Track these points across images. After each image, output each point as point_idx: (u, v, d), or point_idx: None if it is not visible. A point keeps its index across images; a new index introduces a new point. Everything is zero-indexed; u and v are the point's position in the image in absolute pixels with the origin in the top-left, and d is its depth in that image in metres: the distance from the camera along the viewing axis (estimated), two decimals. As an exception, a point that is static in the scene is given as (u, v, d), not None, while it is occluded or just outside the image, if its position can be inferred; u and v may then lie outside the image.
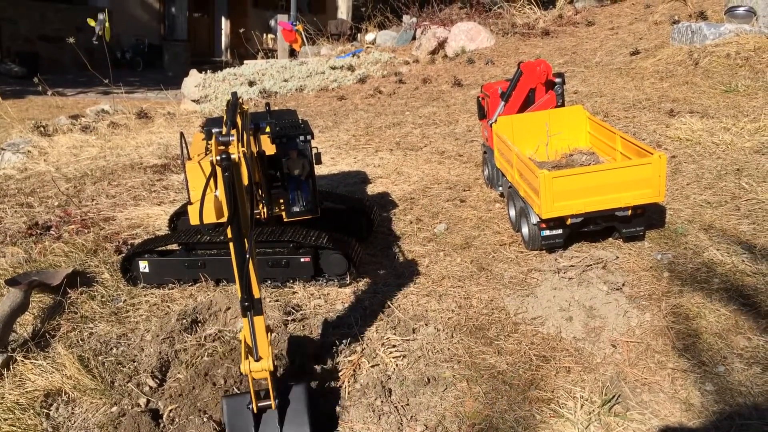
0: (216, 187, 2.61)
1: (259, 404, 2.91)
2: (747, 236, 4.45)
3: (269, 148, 4.10)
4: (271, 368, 2.84)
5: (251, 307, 2.76)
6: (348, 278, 4.39)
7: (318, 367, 3.47)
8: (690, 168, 5.73)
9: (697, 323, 3.63)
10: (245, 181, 2.65)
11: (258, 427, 2.94)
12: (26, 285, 4.11)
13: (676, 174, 5.61)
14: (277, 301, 4.13)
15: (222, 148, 2.50)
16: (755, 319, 3.59)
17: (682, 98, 7.74)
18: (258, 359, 2.82)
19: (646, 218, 4.54)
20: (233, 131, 2.55)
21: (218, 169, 2.48)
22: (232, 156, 2.49)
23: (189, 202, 4.38)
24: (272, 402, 2.91)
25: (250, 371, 2.82)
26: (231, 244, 2.70)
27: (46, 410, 3.29)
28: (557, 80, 5.52)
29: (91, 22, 11.50)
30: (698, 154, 6.04)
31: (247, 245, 2.67)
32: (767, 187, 5.12)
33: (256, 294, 2.79)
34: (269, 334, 2.90)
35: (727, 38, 8.91)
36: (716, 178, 5.45)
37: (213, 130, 2.64)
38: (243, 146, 2.61)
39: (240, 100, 3.01)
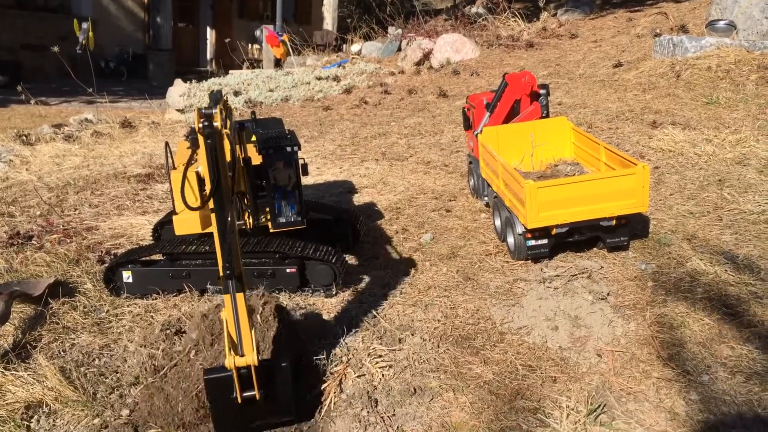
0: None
1: (243, 395, 2.87)
2: (729, 246, 4.50)
3: (255, 158, 4.09)
4: (255, 363, 2.80)
5: (232, 276, 2.71)
6: (334, 289, 4.37)
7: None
8: (673, 179, 5.79)
9: (681, 332, 3.65)
10: (228, 158, 2.67)
11: (243, 408, 2.91)
12: (7, 295, 4.04)
13: (659, 184, 5.66)
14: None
15: (204, 119, 2.52)
16: (738, 329, 3.62)
17: (665, 110, 7.83)
18: (242, 354, 2.78)
19: (630, 228, 4.57)
20: (216, 108, 2.59)
21: (200, 139, 2.49)
22: (215, 124, 2.49)
23: (173, 212, 4.37)
24: (256, 393, 2.88)
25: (235, 366, 2.78)
26: (213, 215, 2.68)
27: (26, 422, 3.24)
28: (542, 92, 5.56)
29: (76, 28, 11.44)
30: (681, 164, 6.11)
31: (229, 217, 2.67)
32: (749, 197, 5.18)
33: (239, 268, 2.75)
34: (252, 317, 2.85)
35: (708, 51, 9.05)
36: (699, 188, 5.51)
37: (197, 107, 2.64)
38: (226, 128, 2.63)
39: (225, 98, 3.02)
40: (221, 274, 2.74)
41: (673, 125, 7.15)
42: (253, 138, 4.28)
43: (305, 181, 4.25)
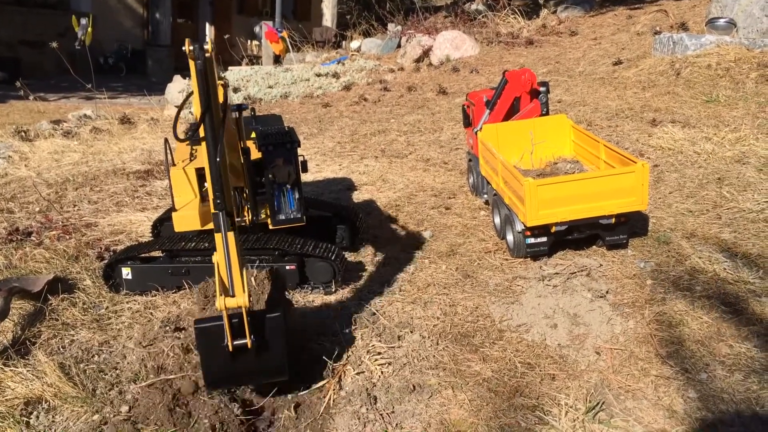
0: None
1: (234, 343, 2.82)
2: (728, 244, 4.50)
3: (255, 155, 4.09)
4: (246, 304, 2.76)
5: (223, 207, 2.67)
6: (333, 286, 4.37)
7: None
8: (672, 177, 5.79)
9: (680, 330, 3.66)
10: (220, 99, 2.67)
11: (233, 358, 2.86)
12: (6, 292, 4.04)
13: (658, 183, 5.67)
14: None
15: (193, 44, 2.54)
16: (737, 327, 3.63)
17: (664, 108, 7.83)
18: (232, 295, 2.74)
19: (630, 226, 4.58)
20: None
21: (191, 64, 2.48)
22: (205, 46, 2.51)
23: (173, 209, 4.37)
24: (248, 341, 2.83)
25: (225, 308, 2.73)
26: (203, 145, 2.65)
27: (26, 418, 3.24)
28: (542, 89, 5.56)
29: (75, 24, 11.43)
30: (680, 163, 6.11)
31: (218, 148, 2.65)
32: (748, 195, 5.18)
33: (230, 204, 2.72)
34: (243, 268, 2.81)
35: (708, 49, 9.04)
36: (698, 186, 5.51)
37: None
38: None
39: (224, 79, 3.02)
40: (212, 209, 2.68)
41: (672, 123, 7.15)
42: (253, 135, 4.27)
43: (304, 178, 4.25)
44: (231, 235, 2.75)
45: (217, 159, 2.66)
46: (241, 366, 2.94)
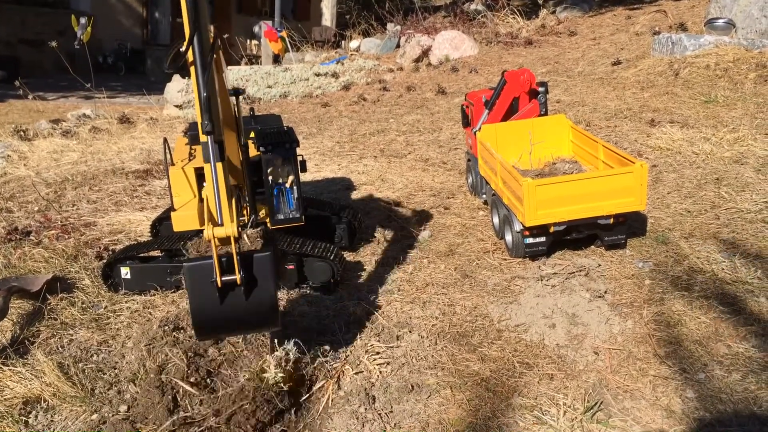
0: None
1: (223, 279, 2.75)
2: (726, 245, 4.51)
3: (253, 153, 4.09)
4: (235, 234, 2.70)
5: (212, 132, 2.60)
6: (332, 285, 4.37)
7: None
8: (671, 177, 5.80)
9: (678, 330, 3.67)
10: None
11: (222, 298, 2.80)
12: (5, 291, 4.05)
13: (657, 183, 5.67)
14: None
15: None
16: (735, 327, 3.64)
17: (663, 108, 7.84)
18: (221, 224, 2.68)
19: (628, 226, 4.58)
20: None
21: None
22: None
23: (172, 208, 4.37)
24: (237, 276, 2.76)
25: (213, 237, 2.68)
26: (192, 70, 2.58)
27: (24, 418, 3.25)
28: (540, 89, 5.56)
29: (74, 23, 11.42)
30: (679, 163, 6.12)
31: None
32: (746, 196, 5.19)
33: (219, 134, 2.65)
34: (233, 199, 2.76)
35: (707, 50, 9.05)
36: (696, 187, 5.52)
37: None
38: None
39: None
40: (201, 135, 2.60)
41: (671, 123, 7.16)
42: (252, 134, 4.28)
43: (303, 177, 4.25)
44: (220, 165, 2.69)
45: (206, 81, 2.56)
46: (231, 309, 2.84)
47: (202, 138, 2.65)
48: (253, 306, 2.84)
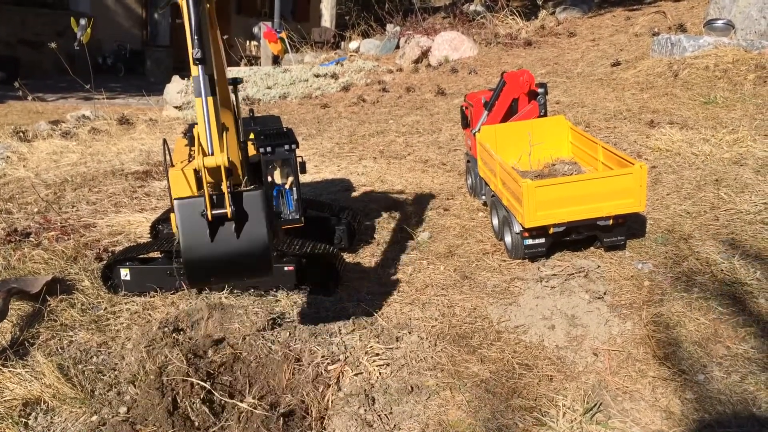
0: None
1: (214, 212, 2.72)
2: (726, 246, 4.51)
3: (252, 153, 4.09)
4: (226, 163, 2.67)
5: (203, 61, 2.57)
6: (331, 287, 4.37)
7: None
8: (670, 178, 5.80)
9: (678, 332, 3.67)
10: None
11: (213, 235, 2.76)
12: (5, 292, 4.05)
13: (656, 184, 5.68)
14: (260, 308, 4.11)
15: None
16: (734, 328, 3.64)
17: (662, 109, 7.84)
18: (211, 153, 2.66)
19: (627, 228, 4.59)
20: None
21: None
22: None
23: (172, 209, 4.37)
24: (228, 210, 2.72)
25: (204, 167, 2.65)
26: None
27: (24, 419, 3.25)
28: (540, 90, 5.57)
29: (74, 24, 11.42)
30: (678, 164, 6.12)
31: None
32: (745, 197, 5.19)
33: (211, 67, 2.62)
34: (224, 133, 2.73)
35: (706, 51, 9.05)
36: (696, 188, 5.52)
37: None
38: None
39: None
40: (192, 68, 2.56)
41: (670, 125, 7.16)
42: (251, 135, 4.28)
43: (303, 179, 4.25)
44: (211, 100, 2.67)
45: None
46: (222, 247, 2.79)
47: (193, 71, 2.61)
48: (244, 245, 2.78)
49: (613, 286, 4.18)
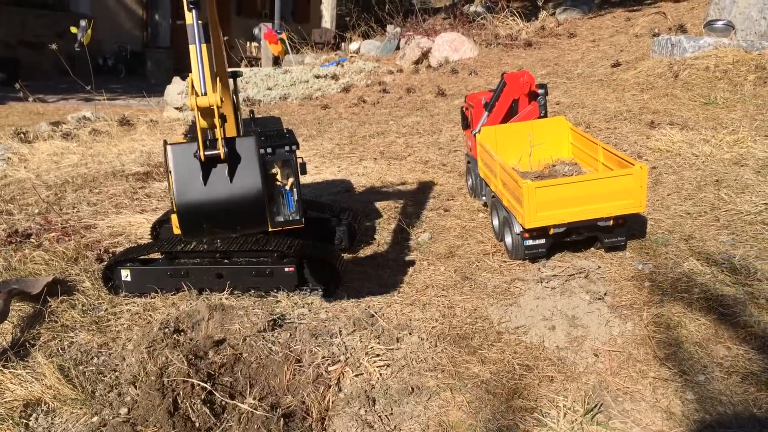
0: None
1: (207, 153, 2.70)
2: (726, 246, 4.51)
3: None
4: (218, 103, 2.66)
5: (197, 5, 2.55)
6: (332, 288, 4.38)
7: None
8: (670, 179, 5.80)
9: (678, 332, 3.67)
10: None
11: (206, 178, 2.75)
12: (6, 294, 4.05)
13: (656, 185, 5.68)
14: (260, 309, 4.11)
15: None
16: (735, 329, 3.64)
17: (663, 110, 7.84)
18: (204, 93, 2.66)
19: (628, 228, 4.59)
20: None
21: None
22: None
23: (172, 210, 4.37)
24: (221, 150, 2.70)
25: (197, 106, 2.63)
26: None
27: (25, 420, 3.25)
28: (540, 91, 5.57)
29: (74, 30, 11.43)
30: (678, 165, 6.12)
31: None
32: (746, 198, 5.19)
33: (204, 15, 2.61)
34: (216, 77, 2.73)
35: (707, 51, 9.05)
36: (696, 189, 5.52)
37: None
38: None
39: None
40: (186, 14, 2.58)
41: (670, 125, 7.17)
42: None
43: (303, 180, 4.25)
44: (205, 46, 2.66)
45: None
46: (216, 193, 2.76)
47: (187, 18, 2.60)
48: (237, 189, 2.76)
49: (614, 287, 4.18)
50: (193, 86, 2.73)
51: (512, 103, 5.59)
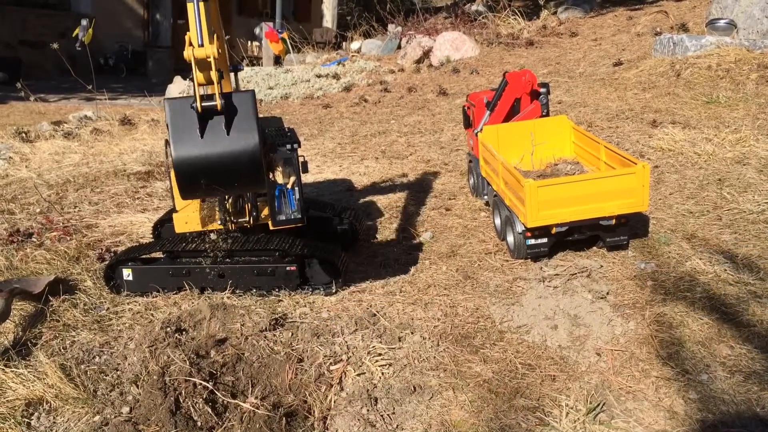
0: None
1: (204, 104, 2.69)
2: (729, 245, 4.50)
3: None
4: (215, 54, 2.66)
5: None
6: (334, 287, 4.37)
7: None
8: (672, 178, 5.79)
9: (681, 332, 3.66)
10: None
11: (203, 130, 2.73)
12: (7, 293, 4.04)
13: (659, 184, 5.67)
14: (262, 308, 4.11)
15: None
16: (737, 328, 3.63)
17: (665, 109, 7.83)
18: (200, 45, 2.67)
19: (630, 227, 4.58)
20: None
21: None
22: None
23: (174, 210, 4.37)
24: (217, 102, 2.69)
25: (193, 57, 2.63)
26: None
27: (27, 419, 3.25)
28: (542, 90, 5.56)
29: (77, 32, 11.43)
30: (680, 164, 6.11)
31: None
32: (748, 197, 5.18)
33: None
34: (213, 34, 2.73)
35: (709, 50, 9.05)
36: (698, 188, 5.51)
37: None
38: None
39: None
40: None
41: (673, 124, 7.16)
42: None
43: (305, 179, 4.25)
44: (203, 4, 2.68)
45: None
46: (212, 146, 2.73)
47: None
48: (234, 142, 2.74)
49: (616, 286, 4.17)
50: (190, 41, 2.73)
51: (514, 102, 5.58)
